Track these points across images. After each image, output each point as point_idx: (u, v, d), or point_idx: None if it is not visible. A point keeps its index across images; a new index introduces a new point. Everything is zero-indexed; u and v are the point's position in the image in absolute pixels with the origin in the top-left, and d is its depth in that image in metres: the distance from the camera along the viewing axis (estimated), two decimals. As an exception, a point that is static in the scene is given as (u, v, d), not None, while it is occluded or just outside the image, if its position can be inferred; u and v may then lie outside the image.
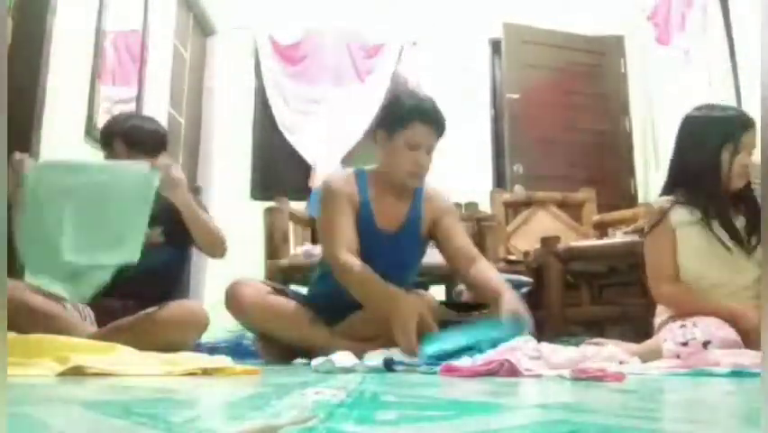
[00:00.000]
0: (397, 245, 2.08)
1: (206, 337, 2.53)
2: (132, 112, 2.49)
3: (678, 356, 1.73)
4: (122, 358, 1.56)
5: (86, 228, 1.91)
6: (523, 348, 1.63)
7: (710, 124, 1.96)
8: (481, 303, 2.22)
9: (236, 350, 2.39)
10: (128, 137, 2.20)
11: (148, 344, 1.77)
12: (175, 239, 2.23)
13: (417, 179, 2.07)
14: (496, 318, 1.84)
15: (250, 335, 2.47)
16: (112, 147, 2.20)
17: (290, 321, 2.12)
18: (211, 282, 4.41)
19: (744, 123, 1.95)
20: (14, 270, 1.99)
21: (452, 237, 2.12)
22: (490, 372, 1.44)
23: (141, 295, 2.13)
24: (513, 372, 1.42)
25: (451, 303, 2.32)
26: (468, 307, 2.26)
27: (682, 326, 1.80)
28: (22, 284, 1.92)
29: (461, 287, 2.75)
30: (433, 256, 3.49)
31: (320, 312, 2.16)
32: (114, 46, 3.27)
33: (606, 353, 1.67)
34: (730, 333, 1.73)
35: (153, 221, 2.12)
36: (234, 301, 2.21)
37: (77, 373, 1.37)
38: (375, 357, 1.71)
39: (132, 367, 1.47)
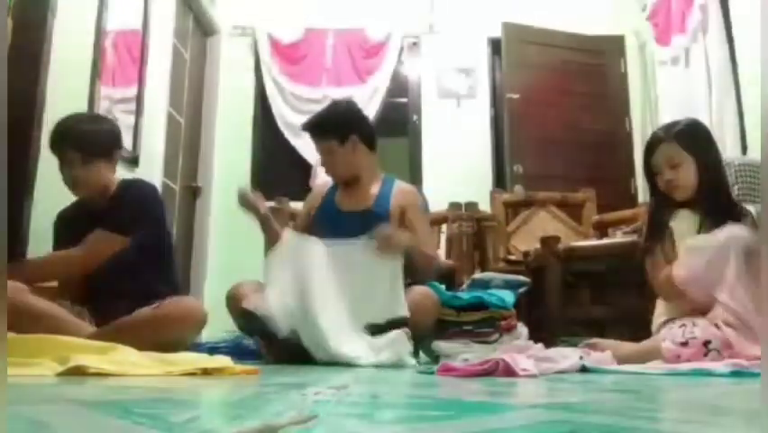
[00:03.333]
0: (363, 223, 2.37)
1: (207, 337, 2.54)
2: (79, 113, 2.39)
3: (679, 356, 1.73)
4: (121, 358, 1.56)
5: None
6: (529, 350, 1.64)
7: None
8: (481, 304, 2.23)
9: (236, 350, 2.38)
10: (82, 143, 2.14)
11: (147, 341, 1.77)
12: (128, 231, 2.18)
13: (328, 174, 2.60)
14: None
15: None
16: (64, 156, 2.15)
17: None
18: (211, 282, 4.42)
19: (650, 146, 2.09)
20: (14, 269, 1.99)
21: (414, 232, 2.41)
22: (487, 371, 1.44)
23: (132, 289, 2.12)
24: (509, 371, 1.42)
25: (451, 304, 2.31)
26: (467, 307, 2.26)
27: (682, 325, 1.80)
28: (21, 285, 1.93)
29: None
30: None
31: None
32: (114, 46, 3.27)
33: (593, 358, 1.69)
34: (729, 333, 1.73)
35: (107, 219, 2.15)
36: (235, 303, 2.22)
37: (77, 372, 1.37)
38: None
39: (131, 367, 1.48)
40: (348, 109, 2.61)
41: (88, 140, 2.17)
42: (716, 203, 1.99)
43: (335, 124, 2.52)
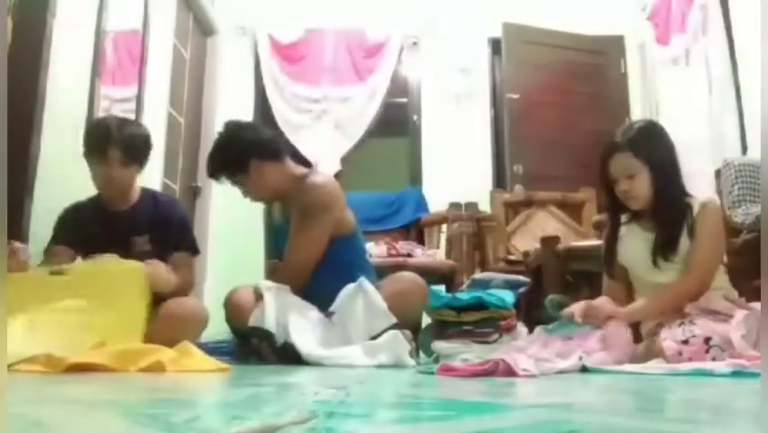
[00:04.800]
0: (282, 235, 2.39)
1: (206, 337, 2.54)
2: (117, 116, 2.45)
3: (680, 354, 1.73)
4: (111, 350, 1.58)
5: None
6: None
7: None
8: (481, 304, 2.23)
9: (234, 349, 2.38)
10: (126, 146, 2.19)
11: (149, 341, 1.78)
12: (159, 245, 2.25)
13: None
14: None
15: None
16: (106, 155, 2.17)
17: None
18: (211, 283, 4.42)
19: (605, 153, 2.06)
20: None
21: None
22: (487, 372, 1.44)
23: None
24: (509, 372, 1.42)
25: (451, 305, 2.31)
26: (467, 307, 2.26)
27: (681, 324, 1.80)
28: None
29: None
30: (433, 256, 3.50)
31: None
32: (114, 46, 3.27)
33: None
34: (726, 328, 1.73)
35: (139, 230, 2.18)
36: (232, 311, 2.23)
37: (72, 369, 1.38)
38: None
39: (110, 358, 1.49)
40: (235, 137, 2.41)
41: (132, 143, 2.22)
42: (669, 213, 1.98)
43: (230, 161, 2.39)
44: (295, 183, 2.40)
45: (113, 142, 2.17)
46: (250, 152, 2.38)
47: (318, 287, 2.26)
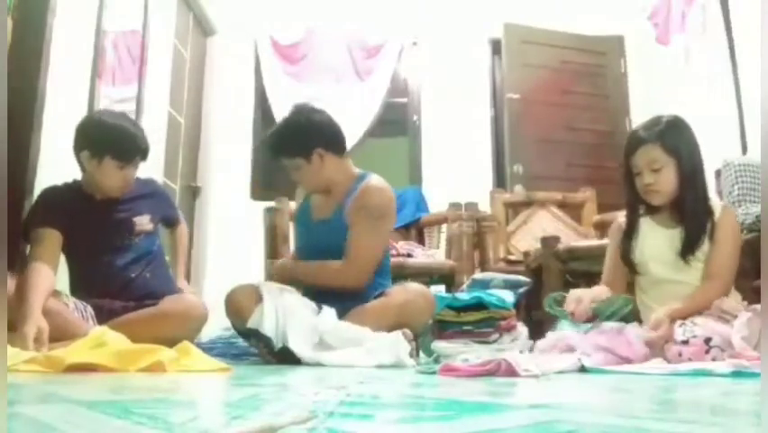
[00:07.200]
0: (327, 232, 2.36)
1: (206, 337, 2.54)
2: (120, 113, 2.44)
3: (680, 354, 1.73)
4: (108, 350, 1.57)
5: None
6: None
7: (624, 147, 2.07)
8: (481, 304, 2.23)
9: (231, 349, 2.39)
10: (147, 149, 2.25)
11: (148, 339, 1.78)
12: (157, 222, 2.39)
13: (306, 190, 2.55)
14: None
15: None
16: (133, 161, 2.20)
17: None
18: (210, 282, 4.42)
19: (631, 145, 2.02)
20: (16, 268, 1.99)
21: (349, 235, 2.30)
22: (489, 372, 1.44)
23: (143, 293, 2.16)
24: (511, 372, 1.42)
25: (451, 305, 2.31)
26: (467, 307, 2.26)
27: (682, 324, 1.80)
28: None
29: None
30: (433, 256, 3.49)
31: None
32: (114, 46, 3.27)
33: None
34: (726, 329, 1.74)
35: (139, 211, 2.26)
36: (232, 310, 2.22)
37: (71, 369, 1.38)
38: None
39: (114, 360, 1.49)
40: (308, 120, 2.38)
41: (148, 147, 2.26)
42: (694, 213, 1.96)
43: (297, 142, 2.36)
44: (348, 181, 2.40)
45: (140, 150, 2.21)
46: (318, 138, 2.36)
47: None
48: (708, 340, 1.72)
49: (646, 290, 2.07)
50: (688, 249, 1.95)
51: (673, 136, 1.98)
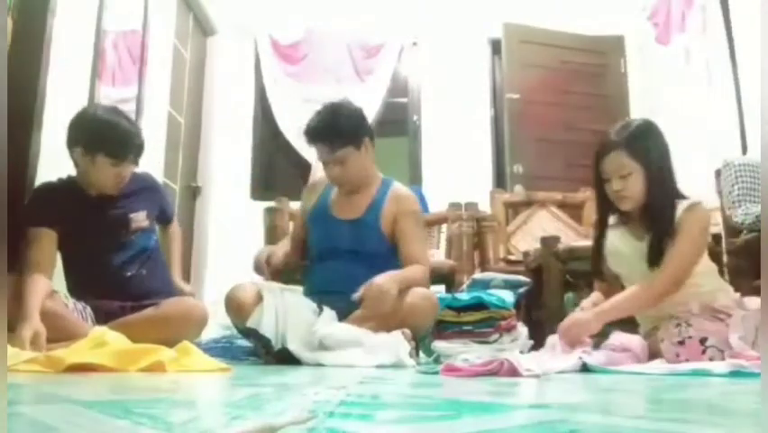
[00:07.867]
0: (354, 232, 2.34)
1: (206, 337, 2.53)
2: (114, 109, 2.41)
3: (678, 355, 1.73)
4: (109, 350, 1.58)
5: None
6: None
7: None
8: (481, 304, 2.23)
9: (231, 349, 2.38)
10: (141, 147, 2.23)
11: (148, 341, 1.78)
12: (154, 218, 2.36)
13: (337, 185, 2.42)
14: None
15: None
16: (126, 158, 2.17)
17: None
18: (210, 282, 4.42)
19: (601, 151, 2.01)
20: (16, 268, 1.99)
21: (405, 241, 2.33)
22: (490, 372, 1.44)
23: (140, 292, 2.16)
24: (513, 372, 1.42)
25: (451, 306, 2.31)
26: (467, 307, 2.26)
27: (678, 325, 1.79)
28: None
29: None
30: (433, 256, 3.49)
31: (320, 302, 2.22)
32: (114, 46, 3.27)
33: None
34: (721, 328, 1.73)
35: (135, 208, 2.25)
36: (233, 308, 2.21)
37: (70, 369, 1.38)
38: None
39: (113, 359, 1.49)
40: (357, 110, 2.40)
41: (143, 142, 2.24)
42: (660, 218, 1.93)
43: (350, 130, 2.33)
44: (377, 180, 2.44)
45: (138, 149, 2.20)
46: (366, 126, 2.41)
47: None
48: (703, 340, 1.72)
49: None
50: (655, 257, 1.92)
51: (641, 142, 1.95)
